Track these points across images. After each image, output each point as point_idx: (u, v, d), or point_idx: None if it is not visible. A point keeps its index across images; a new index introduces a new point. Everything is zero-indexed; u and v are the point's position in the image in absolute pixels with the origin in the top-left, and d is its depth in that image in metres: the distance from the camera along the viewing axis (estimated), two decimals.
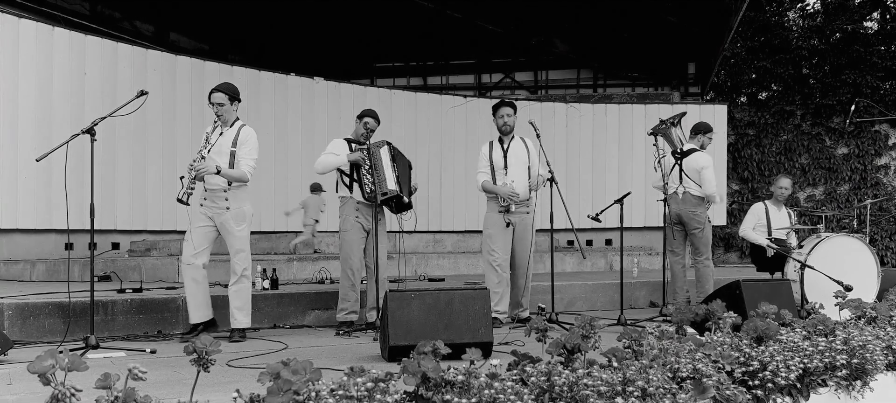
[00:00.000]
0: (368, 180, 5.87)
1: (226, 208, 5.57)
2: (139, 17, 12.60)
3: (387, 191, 5.85)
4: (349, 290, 6.01)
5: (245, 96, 10.71)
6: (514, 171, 6.31)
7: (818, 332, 3.82)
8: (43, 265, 8.29)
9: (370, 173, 5.87)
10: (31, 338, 5.42)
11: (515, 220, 6.30)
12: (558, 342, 2.97)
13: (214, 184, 5.51)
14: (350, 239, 6.02)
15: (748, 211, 7.89)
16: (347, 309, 6.02)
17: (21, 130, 8.69)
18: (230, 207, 5.58)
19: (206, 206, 5.59)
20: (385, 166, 5.93)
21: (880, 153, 14.39)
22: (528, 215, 6.40)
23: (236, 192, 5.60)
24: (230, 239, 5.62)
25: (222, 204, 5.56)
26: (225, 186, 5.54)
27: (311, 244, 10.21)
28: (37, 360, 2.14)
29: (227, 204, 5.57)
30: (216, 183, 5.51)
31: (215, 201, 5.57)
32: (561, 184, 6.61)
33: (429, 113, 12.55)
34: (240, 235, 5.62)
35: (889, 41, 14.75)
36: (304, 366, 2.34)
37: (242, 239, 5.64)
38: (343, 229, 6.05)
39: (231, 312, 5.62)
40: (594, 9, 12.46)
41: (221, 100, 5.58)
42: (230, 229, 5.60)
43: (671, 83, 14.71)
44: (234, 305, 5.62)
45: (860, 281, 6.30)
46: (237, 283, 5.62)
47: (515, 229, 6.32)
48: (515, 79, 15.24)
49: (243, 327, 5.62)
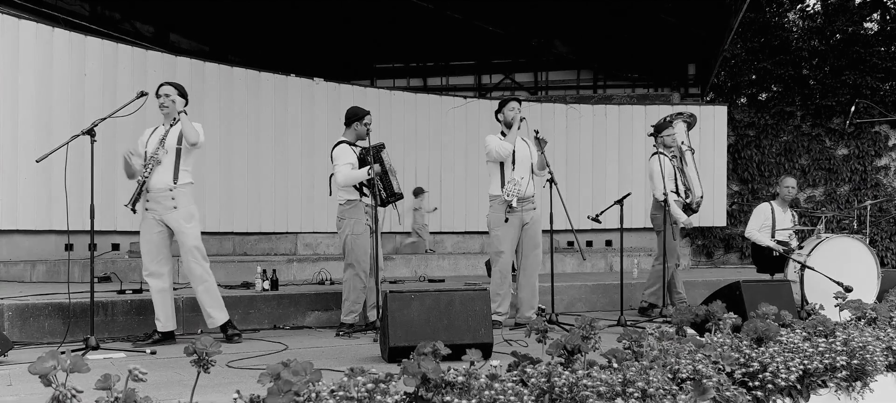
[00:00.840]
0: (382, 190, 5.97)
1: (173, 208, 5.39)
2: (139, 18, 12.60)
3: (396, 194, 6.05)
4: (360, 292, 6.01)
5: (245, 97, 10.84)
6: (522, 168, 6.29)
7: (818, 333, 3.82)
8: (43, 266, 8.29)
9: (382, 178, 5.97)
10: (31, 339, 5.42)
11: (526, 218, 6.27)
12: (558, 343, 2.98)
13: (159, 185, 5.35)
14: (363, 243, 6.00)
15: (754, 211, 7.85)
16: (357, 310, 6.02)
17: (21, 131, 8.69)
18: (177, 207, 5.40)
19: (152, 210, 5.39)
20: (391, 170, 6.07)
21: (880, 154, 14.39)
22: (535, 211, 6.37)
23: (182, 191, 5.41)
24: (181, 239, 5.43)
25: (169, 204, 5.38)
26: (170, 186, 5.37)
27: (421, 246, 10.51)
28: (38, 361, 2.14)
29: (174, 203, 5.39)
30: (160, 184, 5.35)
31: (161, 202, 5.38)
32: (561, 185, 6.61)
33: (429, 114, 12.55)
34: (192, 232, 5.44)
35: (889, 42, 14.75)
36: (304, 367, 2.34)
37: (195, 236, 5.46)
38: (355, 233, 6.00)
39: (207, 313, 5.49)
40: (594, 10, 12.46)
41: (169, 92, 5.44)
42: (180, 228, 5.41)
43: (671, 84, 14.71)
44: (207, 306, 5.48)
45: (860, 282, 6.30)
46: (202, 284, 5.47)
47: (526, 228, 6.29)
48: (515, 80, 15.25)
49: (225, 321, 5.52)
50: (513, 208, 6.19)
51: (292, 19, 12.84)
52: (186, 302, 6.13)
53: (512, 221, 6.21)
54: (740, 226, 14.35)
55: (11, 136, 8.63)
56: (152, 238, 5.42)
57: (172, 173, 5.38)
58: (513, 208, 6.19)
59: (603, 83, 15.14)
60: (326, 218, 11.15)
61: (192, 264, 5.45)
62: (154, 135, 5.47)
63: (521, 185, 6.21)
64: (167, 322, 5.44)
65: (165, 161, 5.36)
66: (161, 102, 5.43)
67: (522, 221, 6.27)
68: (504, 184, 6.22)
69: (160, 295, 5.41)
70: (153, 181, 5.35)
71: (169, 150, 5.38)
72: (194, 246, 5.44)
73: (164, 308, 5.43)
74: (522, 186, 6.21)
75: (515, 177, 6.21)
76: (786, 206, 7.75)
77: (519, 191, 6.18)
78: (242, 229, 10.74)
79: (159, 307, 5.42)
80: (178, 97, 5.47)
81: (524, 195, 6.25)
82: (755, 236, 7.62)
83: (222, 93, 10.68)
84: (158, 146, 5.36)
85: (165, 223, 5.41)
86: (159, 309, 5.42)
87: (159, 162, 5.35)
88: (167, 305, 5.45)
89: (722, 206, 13.66)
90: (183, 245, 5.44)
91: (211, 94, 10.56)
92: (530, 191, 6.31)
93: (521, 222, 6.27)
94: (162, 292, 5.42)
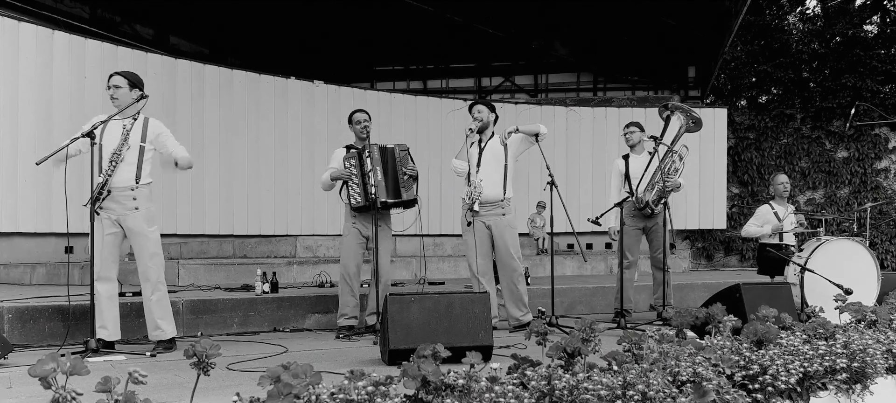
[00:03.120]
0: (354, 191, 5.90)
1: (134, 208, 5.00)
2: (139, 21, 12.60)
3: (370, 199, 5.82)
4: (348, 296, 6.01)
5: (245, 100, 10.84)
6: (486, 171, 6.19)
7: (818, 336, 3.82)
8: (43, 268, 8.29)
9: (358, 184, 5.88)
10: (30, 342, 5.42)
11: (489, 222, 6.17)
12: (558, 345, 2.97)
13: (120, 183, 4.97)
14: (347, 245, 6.04)
15: (754, 213, 7.86)
16: (347, 314, 6.02)
17: (21, 133, 8.69)
18: (139, 207, 5.01)
19: (109, 210, 4.97)
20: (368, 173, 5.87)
21: (880, 156, 14.40)
22: (503, 217, 6.20)
23: (143, 192, 5.04)
24: (141, 242, 5.03)
25: (129, 205, 4.99)
26: (132, 185, 4.99)
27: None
28: (38, 364, 2.14)
29: (136, 204, 5.00)
30: (122, 182, 4.97)
31: (120, 201, 4.97)
32: (561, 187, 6.60)
33: (429, 116, 12.56)
34: (152, 237, 5.06)
35: (889, 45, 14.76)
36: (304, 370, 2.34)
37: (156, 242, 5.09)
38: (342, 235, 6.11)
39: (155, 323, 5.08)
40: (594, 12, 12.47)
41: (119, 83, 5.02)
42: (141, 231, 5.02)
43: (671, 86, 14.72)
44: (156, 316, 5.07)
45: (860, 285, 6.29)
46: (156, 292, 5.08)
47: (492, 232, 6.18)
48: (515, 83, 15.26)
49: (171, 337, 5.14)
50: (475, 211, 6.11)
51: (292, 22, 12.85)
52: (186, 304, 6.13)
53: (475, 225, 6.14)
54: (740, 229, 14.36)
55: (11, 139, 8.63)
56: (106, 239, 4.97)
57: (135, 172, 5.01)
58: (475, 211, 6.11)
59: (603, 85, 15.15)
60: (326, 220, 11.17)
61: (151, 270, 5.07)
62: (108, 127, 5.02)
63: (483, 187, 6.11)
64: (115, 330, 5.06)
65: (128, 157, 4.99)
66: (111, 94, 5.02)
67: (486, 225, 6.17)
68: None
69: (110, 301, 5.03)
70: (115, 179, 4.95)
71: (132, 147, 5.01)
72: (154, 253, 5.08)
73: (112, 315, 5.04)
74: (484, 189, 6.11)
75: (476, 181, 6.13)
76: (785, 204, 7.75)
77: (479, 195, 6.10)
78: (242, 232, 10.75)
79: (108, 314, 5.01)
80: (128, 88, 5.04)
81: (488, 199, 6.15)
82: (750, 231, 7.64)
83: (222, 96, 10.69)
84: (123, 143, 4.96)
85: (121, 224, 5.02)
86: (108, 316, 5.01)
87: (123, 159, 4.96)
88: (115, 312, 5.06)
89: (722, 209, 13.67)
90: (143, 249, 5.05)
91: (211, 97, 10.57)
92: (497, 195, 6.17)
93: (485, 226, 6.17)
94: (112, 298, 5.04)
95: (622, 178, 7.07)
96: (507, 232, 6.19)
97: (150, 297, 5.08)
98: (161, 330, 5.10)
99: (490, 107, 6.38)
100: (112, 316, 5.04)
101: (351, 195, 5.92)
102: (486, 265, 6.23)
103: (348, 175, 5.92)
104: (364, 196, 5.88)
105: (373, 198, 5.81)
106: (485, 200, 6.13)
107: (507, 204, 6.23)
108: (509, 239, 6.18)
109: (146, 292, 5.09)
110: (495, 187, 6.16)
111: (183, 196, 10.27)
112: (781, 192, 7.74)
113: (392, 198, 5.95)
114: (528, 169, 11.83)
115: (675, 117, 6.96)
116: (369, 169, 5.87)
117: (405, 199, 6.01)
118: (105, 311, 4.99)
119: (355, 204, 5.91)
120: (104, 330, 4.98)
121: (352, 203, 5.93)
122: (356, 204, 5.91)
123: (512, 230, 6.23)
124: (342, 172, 5.95)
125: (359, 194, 5.89)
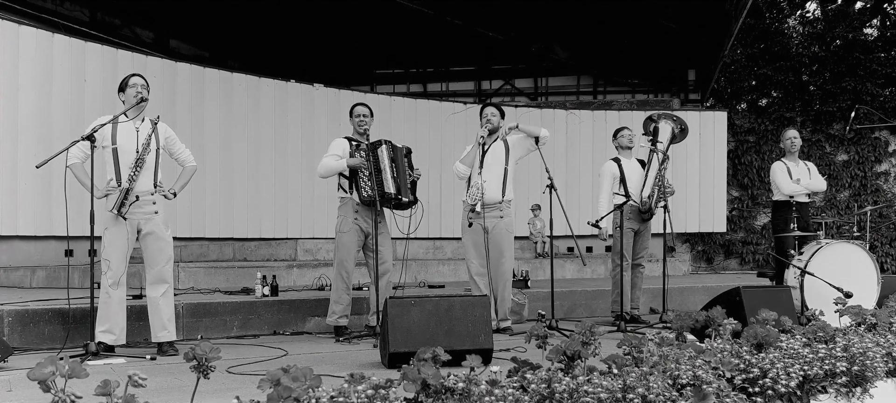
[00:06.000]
0: (366, 184, 5.83)
1: (154, 212, 5.05)
2: (139, 24, 12.61)
3: (386, 194, 5.84)
4: (343, 293, 5.96)
5: (245, 103, 10.84)
6: (489, 172, 6.19)
7: (818, 339, 3.82)
8: (43, 271, 8.29)
9: (369, 177, 5.83)
10: (30, 345, 5.42)
11: (489, 224, 6.17)
12: (559, 348, 2.97)
13: (142, 188, 5.00)
14: (347, 241, 5.98)
15: (772, 171, 7.61)
16: (339, 312, 5.97)
17: (21, 137, 8.69)
18: (158, 211, 5.07)
19: (132, 215, 4.99)
20: (384, 168, 5.90)
21: (880, 160, 14.40)
22: (502, 220, 6.21)
23: (160, 196, 5.11)
24: (160, 246, 5.09)
25: (150, 209, 5.03)
26: (151, 189, 5.04)
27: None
28: (37, 367, 2.14)
29: (156, 207, 5.06)
30: (143, 187, 5.00)
31: (142, 206, 5.01)
32: (561, 190, 6.60)
33: (429, 119, 12.56)
34: (169, 240, 5.14)
35: (889, 48, 14.77)
36: (304, 373, 2.34)
37: (171, 245, 5.17)
38: (341, 231, 6.01)
39: (162, 324, 5.12)
40: (594, 15, 12.47)
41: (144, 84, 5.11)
42: (161, 234, 5.09)
43: (671, 90, 14.71)
44: (165, 317, 5.12)
45: (860, 288, 6.29)
46: (167, 293, 5.15)
47: (489, 235, 6.18)
48: (515, 86, 15.26)
49: (173, 340, 5.20)
50: (476, 212, 6.10)
51: (292, 25, 12.86)
52: (186, 307, 6.13)
53: (475, 226, 6.14)
54: (740, 232, 14.36)
55: (11, 142, 8.63)
56: (124, 245, 5.01)
57: (153, 176, 5.07)
58: (476, 212, 6.10)
59: (603, 89, 15.15)
60: (326, 223, 11.15)
61: (167, 273, 5.15)
62: (119, 130, 5.00)
63: (485, 189, 6.10)
64: (122, 335, 5.08)
65: (148, 161, 5.02)
66: (142, 96, 5.02)
67: (485, 227, 6.16)
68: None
69: (120, 306, 5.05)
70: (139, 185, 4.99)
71: (151, 151, 5.05)
72: (171, 256, 5.17)
73: (122, 320, 5.06)
74: (486, 190, 6.11)
75: (479, 181, 6.13)
76: (796, 159, 7.64)
77: (481, 195, 6.09)
78: (242, 235, 10.75)
79: (118, 319, 5.03)
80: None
81: (489, 200, 6.15)
82: (790, 187, 7.40)
83: (222, 99, 10.69)
84: (146, 147, 4.99)
85: (139, 228, 5.05)
86: (118, 321, 5.03)
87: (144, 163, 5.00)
88: (124, 317, 5.09)
89: (722, 212, 13.66)
90: (161, 252, 5.10)
91: (211, 100, 10.57)
92: (497, 197, 6.18)
93: (484, 228, 6.16)
94: (122, 303, 5.07)
95: (617, 182, 7.07)
96: (504, 239, 6.20)
97: (160, 300, 5.13)
98: (167, 331, 5.16)
99: (501, 112, 6.41)
100: (121, 320, 5.07)
101: (362, 188, 5.83)
102: (485, 267, 6.24)
103: (364, 164, 5.84)
104: (377, 190, 5.78)
105: (389, 193, 5.79)
106: (486, 201, 6.14)
107: (508, 206, 6.25)
108: (505, 246, 6.20)
109: (157, 293, 5.13)
110: (496, 189, 6.17)
111: (183, 199, 10.24)
112: (790, 148, 7.59)
113: (406, 197, 5.96)
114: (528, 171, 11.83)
115: (662, 125, 7.01)
116: (384, 164, 5.85)
117: (411, 200, 6.05)
118: (115, 316, 5.02)
119: (366, 198, 5.83)
120: (111, 335, 5.01)
121: (362, 196, 5.84)
122: (367, 198, 5.83)
123: (509, 235, 6.24)
124: (360, 161, 5.84)
125: (370, 188, 5.81)
